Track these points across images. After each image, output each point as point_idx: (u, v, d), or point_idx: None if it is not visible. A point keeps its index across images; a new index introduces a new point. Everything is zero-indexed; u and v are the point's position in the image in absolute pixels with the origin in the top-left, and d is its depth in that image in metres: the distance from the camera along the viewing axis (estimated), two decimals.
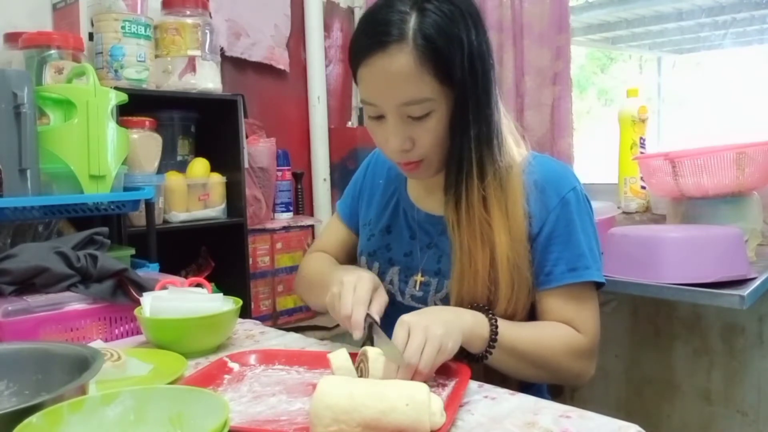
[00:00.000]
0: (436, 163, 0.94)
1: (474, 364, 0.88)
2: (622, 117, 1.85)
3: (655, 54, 4.57)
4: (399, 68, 0.85)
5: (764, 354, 1.63)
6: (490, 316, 0.89)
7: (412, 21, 0.85)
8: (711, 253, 1.26)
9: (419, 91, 0.86)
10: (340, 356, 0.80)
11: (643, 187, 1.84)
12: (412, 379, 0.75)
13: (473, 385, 0.81)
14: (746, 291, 1.19)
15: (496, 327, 0.88)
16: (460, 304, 0.94)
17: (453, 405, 0.71)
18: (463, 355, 0.87)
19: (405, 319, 0.81)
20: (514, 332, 0.90)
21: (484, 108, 0.91)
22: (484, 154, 0.92)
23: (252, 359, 0.90)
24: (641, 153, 1.82)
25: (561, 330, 0.94)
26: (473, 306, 0.92)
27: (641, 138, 1.83)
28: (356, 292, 0.89)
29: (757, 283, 1.24)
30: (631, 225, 1.73)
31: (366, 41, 0.88)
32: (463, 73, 0.87)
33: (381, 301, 0.93)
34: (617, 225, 1.63)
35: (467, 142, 0.91)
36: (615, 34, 4.06)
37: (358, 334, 0.85)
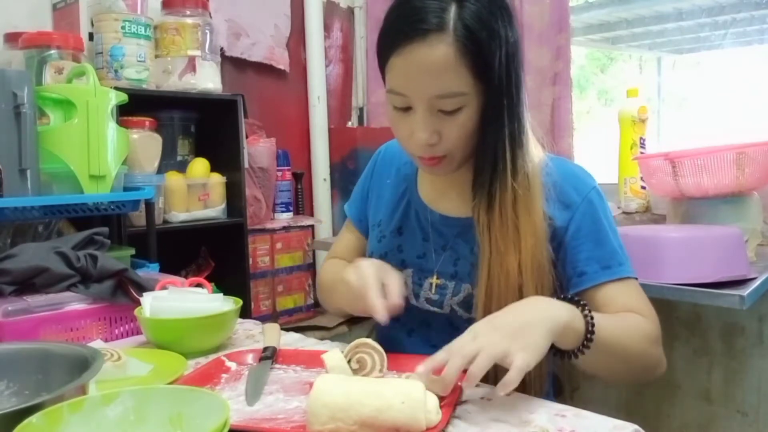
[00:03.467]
0: (459, 159, 0.92)
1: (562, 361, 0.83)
2: (622, 117, 1.85)
3: (655, 54, 4.57)
4: (437, 59, 0.81)
5: (764, 354, 1.63)
6: (586, 311, 0.82)
7: (453, 10, 0.82)
8: (711, 253, 1.26)
9: (455, 85, 0.83)
10: (334, 356, 0.80)
11: (643, 187, 1.84)
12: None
13: None
14: (746, 291, 1.19)
15: (593, 325, 0.80)
16: (488, 308, 0.89)
17: (449, 403, 0.71)
18: (552, 352, 0.80)
19: (476, 329, 0.76)
20: (606, 324, 0.83)
21: (517, 106, 0.89)
22: (517, 154, 0.90)
23: (249, 358, 0.90)
24: (641, 153, 1.82)
25: (635, 318, 0.89)
26: (563, 297, 0.85)
27: (641, 138, 1.83)
28: (365, 279, 0.88)
29: (757, 283, 1.24)
30: (631, 225, 1.73)
31: (403, 28, 0.83)
32: (500, 68, 0.84)
33: (394, 278, 0.90)
34: (617, 225, 1.63)
35: (501, 141, 0.88)
36: (615, 34, 4.06)
37: (381, 318, 0.83)
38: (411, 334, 1.02)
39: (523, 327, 0.75)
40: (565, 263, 0.93)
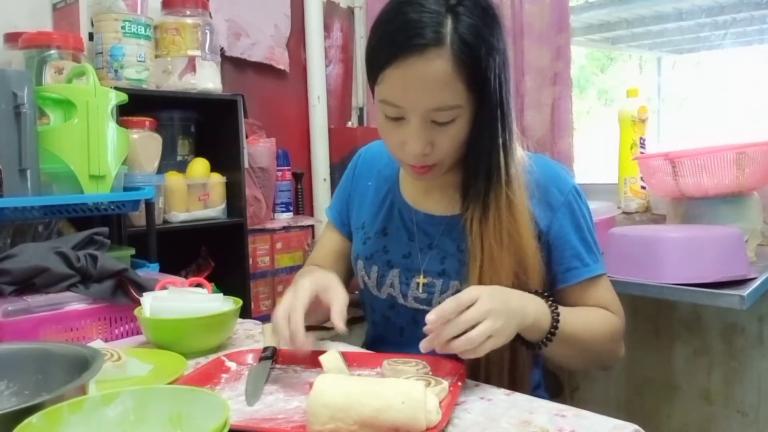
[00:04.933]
0: (448, 166, 0.93)
1: (528, 349, 0.90)
2: (622, 117, 1.85)
3: (655, 54, 4.56)
4: (435, 73, 0.82)
5: (764, 354, 1.63)
6: (553, 308, 0.88)
7: (449, 24, 0.82)
8: (711, 253, 1.26)
9: (451, 98, 0.84)
10: (331, 357, 0.80)
11: (643, 187, 1.84)
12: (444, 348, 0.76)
13: (470, 384, 0.82)
14: (746, 291, 1.19)
15: (558, 321, 0.87)
16: None
17: (449, 403, 0.72)
18: (518, 341, 0.87)
19: (479, 294, 0.79)
20: (571, 321, 0.89)
21: (508, 115, 0.90)
22: (509, 162, 0.92)
23: (249, 358, 0.90)
24: (641, 153, 1.82)
25: (604, 315, 0.96)
26: (536, 292, 0.91)
27: (641, 138, 1.83)
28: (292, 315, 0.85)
29: (757, 283, 1.24)
30: (631, 225, 1.73)
31: (400, 41, 0.82)
32: (494, 81, 0.85)
33: (339, 300, 0.88)
34: (617, 225, 1.63)
35: (496, 151, 0.90)
36: (615, 34, 4.05)
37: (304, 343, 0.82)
38: (402, 333, 1.03)
39: (510, 312, 0.80)
40: (550, 261, 0.97)
